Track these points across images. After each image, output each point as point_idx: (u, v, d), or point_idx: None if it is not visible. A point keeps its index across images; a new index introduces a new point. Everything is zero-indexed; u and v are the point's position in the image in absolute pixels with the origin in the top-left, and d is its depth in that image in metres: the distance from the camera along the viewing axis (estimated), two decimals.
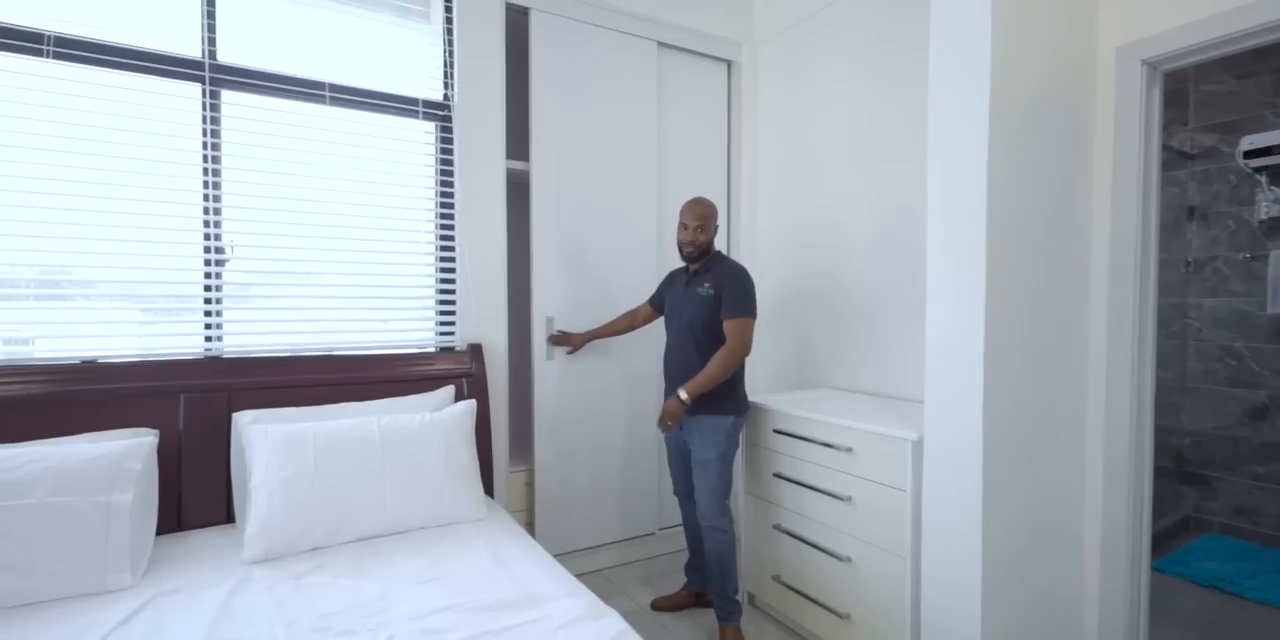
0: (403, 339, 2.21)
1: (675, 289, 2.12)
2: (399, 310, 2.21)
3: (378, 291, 2.16)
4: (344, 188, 2.08)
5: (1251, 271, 2.87)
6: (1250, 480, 2.88)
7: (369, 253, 2.13)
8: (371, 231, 2.13)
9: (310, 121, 2.02)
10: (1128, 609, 1.69)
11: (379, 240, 2.15)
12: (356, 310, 2.13)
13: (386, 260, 2.17)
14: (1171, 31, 1.57)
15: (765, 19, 2.87)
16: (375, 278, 2.15)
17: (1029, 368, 1.59)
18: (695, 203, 2.04)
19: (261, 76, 1.94)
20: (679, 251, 2.06)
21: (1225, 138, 2.90)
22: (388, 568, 1.47)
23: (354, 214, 2.10)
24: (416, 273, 2.24)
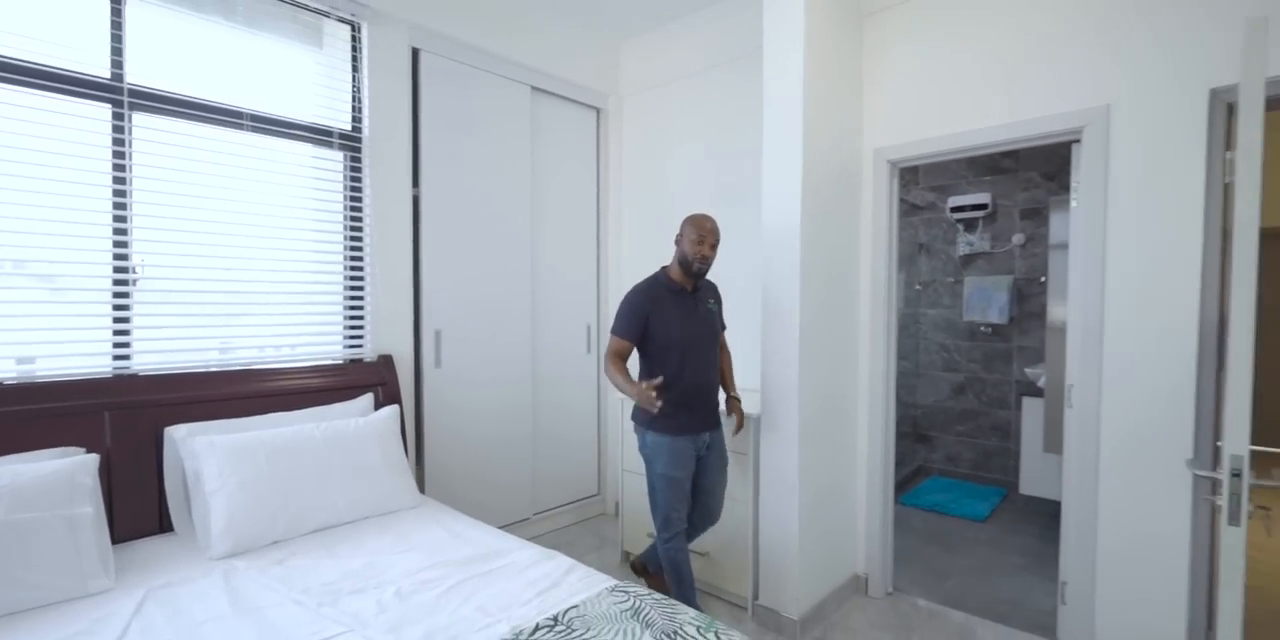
0: (313, 352, 2.37)
1: (677, 310, 2.05)
2: (311, 325, 2.36)
3: (290, 308, 2.30)
4: (258, 210, 2.20)
5: (955, 291, 4.10)
6: (955, 437, 4.12)
7: (283, 272, 2.27)
8: (285, 252, 2.27)
9: (228, 147, 2.12)
10: (882, 528, 2.52)
11: (292, 260, 2.29)
12: (269, 326, 2.25)
13: (299, 279, 2.32)
14: (900, 145, 2.42)
15: (629, 78, 3.43)
16: (288, 296, 2.29)
17: (825, 364, 2.33)
18: (712, 221, 2.06)
19: (178, 102, 2.01)
20: (685, 267, 2.05)
21: (940, 196, 4.10)
22: (358, 548, 1.74)
23: (268, 235, 2.22)
24: (327, 290, 2.40)
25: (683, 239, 2.06)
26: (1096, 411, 1.98)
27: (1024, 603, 2.44)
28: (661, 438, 2.04)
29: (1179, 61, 1.85)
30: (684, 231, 2.06)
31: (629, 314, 2.03)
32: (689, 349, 2.05)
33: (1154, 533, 1.88)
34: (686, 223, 2.08)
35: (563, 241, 3.27)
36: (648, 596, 1.44)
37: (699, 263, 2.03)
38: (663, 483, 2.05)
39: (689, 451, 2.06)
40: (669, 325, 2.02)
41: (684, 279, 2.08)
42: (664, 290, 2.07)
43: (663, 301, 2.04)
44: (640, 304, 2.02)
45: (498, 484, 2.93)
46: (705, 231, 2.03)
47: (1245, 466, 1.24)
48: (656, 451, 2.05)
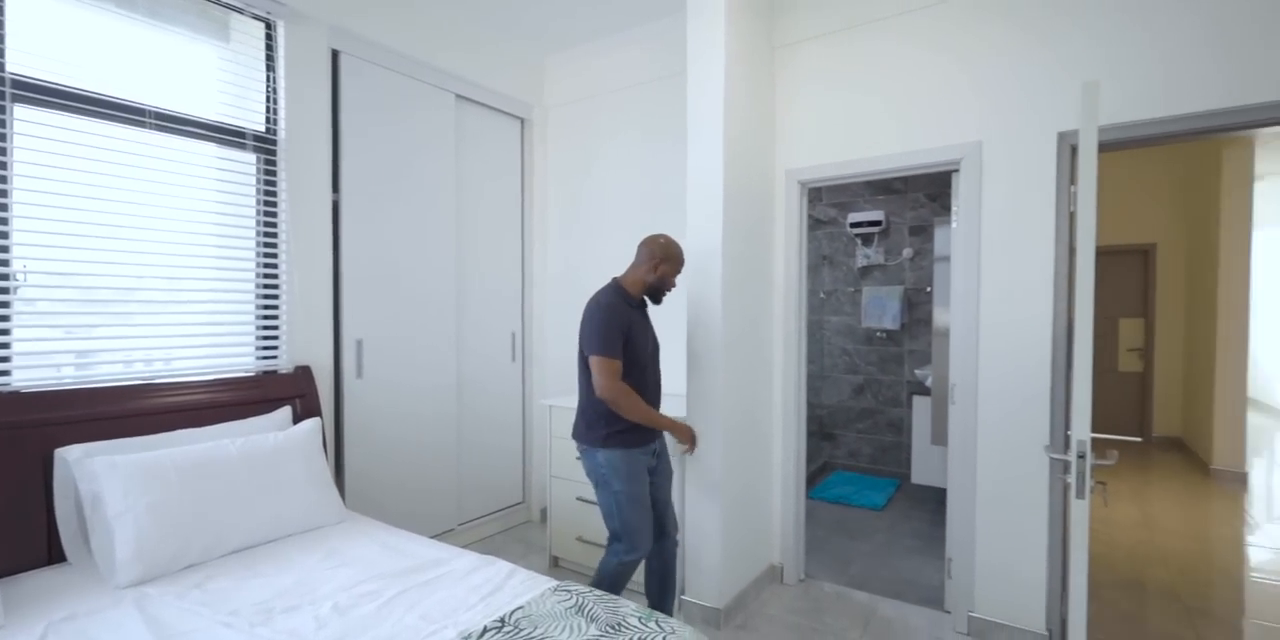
0: (223, 364, 2.24)
1: (642, 325, 2.06)
2: (220, 336, 2.24)
3: (196, 318, 2.17)
4: (162, 213, 2.07)
5: (855, 299, 4.47)
6: (856, 434, 4.48)
7: (188, 279, 2.14)
8: (191, 258, 2.15)
9: (129, 146, 1.98)
10: (795, 521, 2.72)
11: (199, 267, 2.17)
12: (173, 337, 2.11)
13: (207, 287, 2.20)
14: (809, 167, 2.65)
15: (554, 90, 3.49)
16: (194, 305, 2.16)
17: (745, 370, 2.50)
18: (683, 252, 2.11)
19: (68, 95, 1.86)
20: (654, 293, 2.08)
21: (841, 212, 4.46)
22: (286, 566, 1.68)
23: (172, 240, 2.10)
24: (238, 299, 2.29)
25: (662, 267, 2.04)
26: (975, 407, 2.27)
27: (917, 580, 2.72)
28: (616, 453, 1.97)
29: (1034, 108, 2.18)
30: (664, 262, 2.05)
31: (616, 331, 1.92)
32: (649, 365, 2.06)
33: (1020, 510, 2.18)
34: (670, 256, 2.06)
35: (488, 250, 3.27)
36: (589, 594, 1.51)
37: (669, 290, 2.10)
38: (626, 500, 1.97)
39: (643, 463, 2.03)
40: (638, 342, 1.99)
41: (640, 296, 2.08)
42: (628, 306, 2.02)
43: (632, 318, 2.00)
44: (621, 321, 1.95)
45: (422, 495, 2.88)
46: (676, 262, 2.08)
47: (1088, 449, 1.50)
48: (613, 469, 1.97)
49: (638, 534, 1.98)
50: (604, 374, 1.90)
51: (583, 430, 2.05)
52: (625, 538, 1.99)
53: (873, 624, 2.34)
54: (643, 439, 2.03)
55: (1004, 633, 2.19)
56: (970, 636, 2.25)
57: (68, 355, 1.91)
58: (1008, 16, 2.22)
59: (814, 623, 2.35)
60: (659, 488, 2.13)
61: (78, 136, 1.89)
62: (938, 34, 2.36)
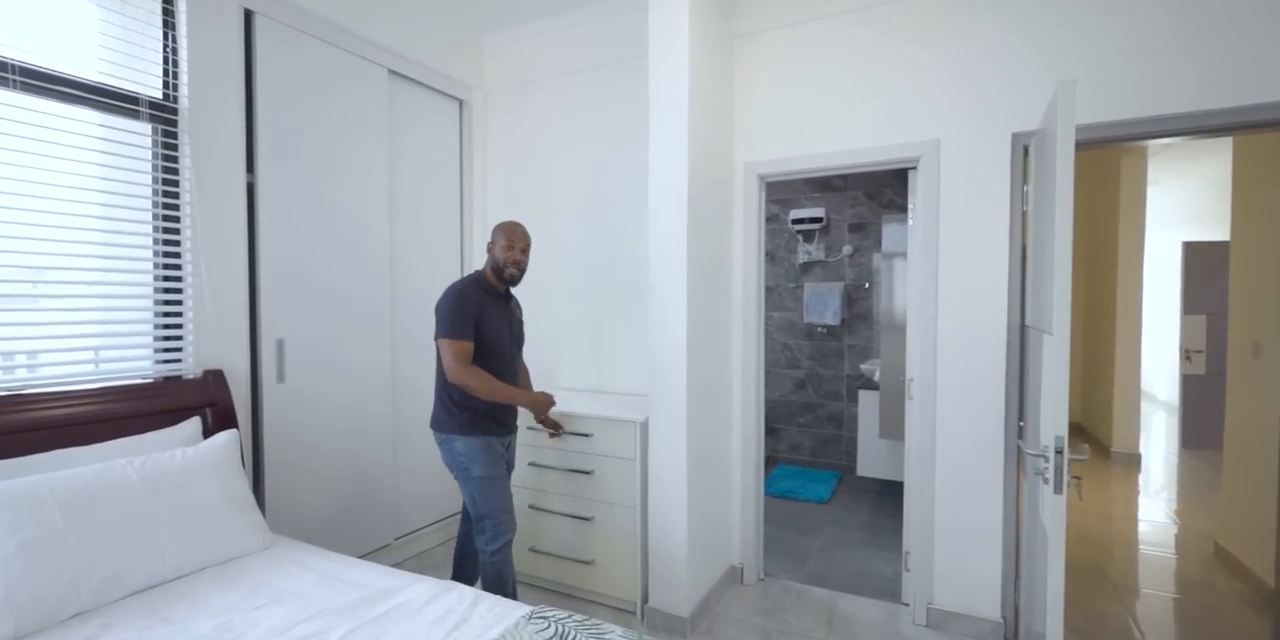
0: (113, 370, 1.91)
1: (498, 314, 2.06)
2: (109, 337, 1.91)
3: (75, 315, 1.83)
4: (29, 190, 1.72)
5: (796, 295, 4.52)
6: (797, 427, 4.54)
7: (64, 269, 1.80)
8: (66, 244, 1.81)
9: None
10: (755, 519, 2.67)
11: (77, 254, 1.83)
12: (42, 338, 1.77)
13: (89, 278, 1.86)
14: (768, 161, 2.60)
15: (495, 71, 3.27)
16: (71, 299, 1.82)
17: (707, 366, 2.42)
18: (522, 227, 2.12)
19: None
20: (499, 273, 2.07)
21: (783, 209, 4.49)
22: (201, 608, 1.43)
23: (44, 222, 1.75)
24: (131, 293, 1.96)
25: (494, 246, 2.07)
26: (933, 402, 2.30)
27: (870, 573, 2.75)
28: (474, 440, 2.01)
29: (989, 108, 2.22)
30: (494, 238, 2.08)
31: (462, 314, 1.95)
32: (505, 353, 2.07)
33: (977, 503, 2.23)
34: (497, 230, 2.10)
35: (424, 240, 3.02)
36: (568, 620, 1.37)
37: (512, 268, 2.06)
38: (487, 485, 2.01)
39: (499, 451, 2.08)
40: (491, 329, 2.01)
41: (497, 284, 2.09)
42: (484, 293, 2.05)
43: (486, 304, 2.03)
44: (470, 305, 1.97)
45: (353, 510, 2.61)
46: (515, 236, 2.07)
47: (1065, 445, 1.51)
48: (472, 455, 2.00)
49: (502, 515, 2.03)
50: (452, 356, 1.92)
51: (442, 418, 2.05)
52: (490, 523, 2.01)
53: (835, 621, 2.33)
54: (499, 429, 2.08)
55: (961, 622, 2.24)
56: (929, 628, 2.28)
57: None
58: (966, 14, 2.24)
59: (778, 624, 2.31)
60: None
61: None
62: (899, 27, 2.36)
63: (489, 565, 2.02)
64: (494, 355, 2.03)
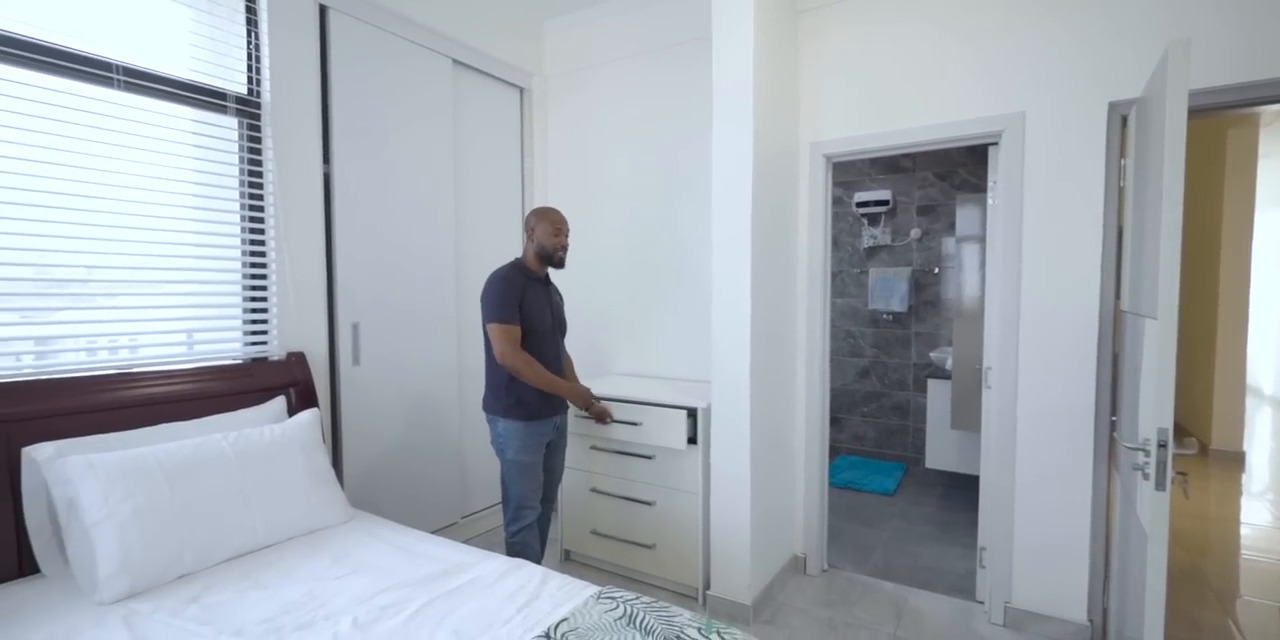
0: (207, 351, 2.04)
1: (539, 298, 2.10)
2: (203, 320, 2.03)
3: (174, 300, 1.96)
4: (134, 183, 1.84)
5: (861, 281, 4.37)
6: (860, 417, 4.41)
7: (165, 257, 1.92)
8: (167, 233, 1.93)
9: (94, 106, 1.74)
10: (819, 509, 2.62)
11: (177, 243, 1.95)
12: (148, 321, 1.90)
13: (186, 265, 1.98)
14: (835, 141, 2.50)
15: (554, 58, 3.27)
16: (171, 284, 1.95)
17: (771, 352, 2.37)
18: (559, 212, 2.16)
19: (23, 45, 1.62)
20: (548, 258, 2.12)
21: (847, 192, 4.33)
22: (290, 575, 1.52)
23: (145, 213, 1.87)
24: (223, 279, 2.08)
25: (536, 231, 2.10)
26: (1014, 392, 2.18)
27: (941, 568, 2.65)
28: (515, 424, 2.05)
29: (1082, 76, 2.05)
30: (536, 225, 2.11)
31: (508, 298, 1.99)
32: (547, 338, 2.11)
33: (1062, 499, 2.10)
34: (537, 217, 2.12)
35: (487, 228, 3.07)
36: (635, 601, 1.38)
37: (561, 252, 2.12)
38: (516, 470, 2.06)
39: (543, 436, 2.11)
40: (534, 313, 2.06)
41: (539, 269, 2.14)
42: (525, 279, 2.08)
43: (529, 289, 2.07)
44: (514, 289, 2.02)
45: (425, 488, 2.71)
46: (560, 222, 2.13)
47: (1170, 438, 1.40)
48: (509, 438, 2.05)
49: (525, 501, 2.08)
50: (501, 341, 1.97)
51: (489, 400, 2.11)
52: (513, 506, 2.08)
53: (905, 616, 2.26)
54: (545, 412, 2.10)
55: (1043, 623, 2.13)
56: (1007, 627, 2.18)
57: (26, 342, 1.69)
58: None
59: (845, 616, 2.26)
60: (554, 456, 2.24)
61: (36, 93, 1.64)
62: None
63: (510, 544, 2.08)
64: (536, 339, 2.07)
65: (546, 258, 2.12)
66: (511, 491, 2.08)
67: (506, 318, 1.98)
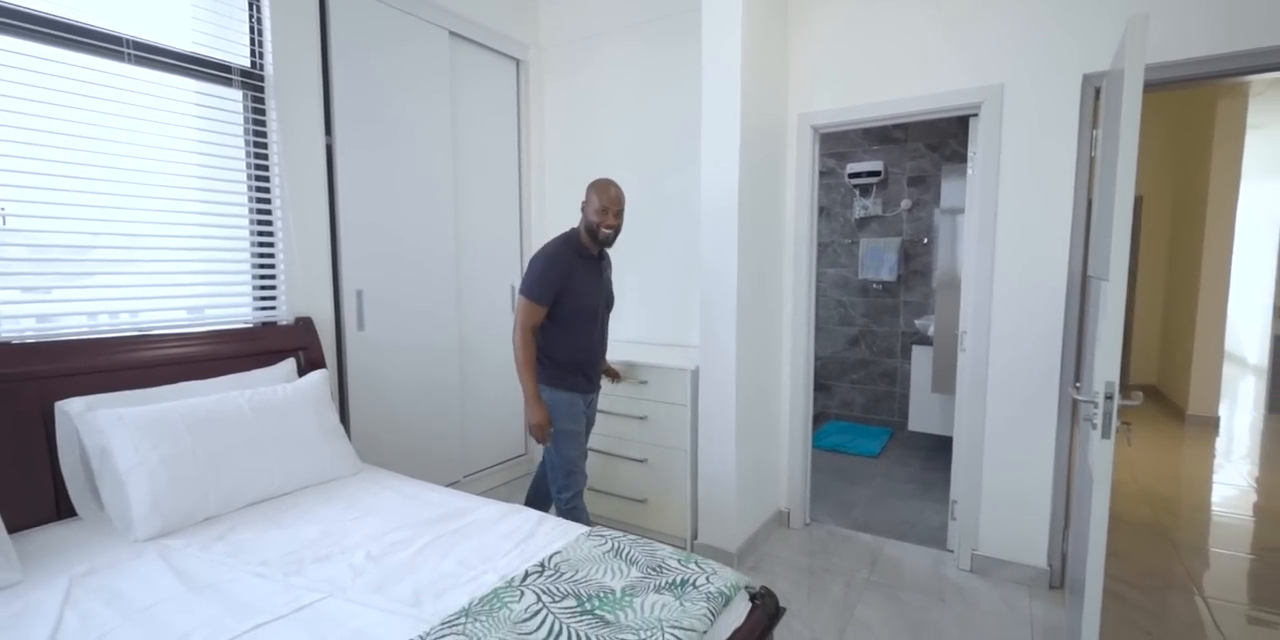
0: (220, 315, 2.15)
1: (588, 276, 2.06)
2: (215, 285, 2.14)
3: (188, 266, 2.06)
4: (146, 154, 1.92)
5: (851, 251, 4.45)
6: (849, 384, 4.55)
7: (178, 224, 2.02)
8: (179, 201, 2.02)
9: (107, 79, 1.81)
10: (802, 467, 2.77)
11: (189, 211, 2.04)
12: (164, 286, 2.00)
13: (199, 232, 2.07)
14: (822, 112, 2.57)
15: (550, 28, 3.30)
16: (185, 252, 2.04)
17: (757, 319, 2.48)
18: (617, 187, 2.04)
19: (41, 21, 1.68)
20: (593, 235, 2.03)
21: (839, 163, 4.38)
22: (308, 517, 1.65)
23: (158, 182, 1.96)
24: (233, 246, 2.17)
25: (587, 207, 2.03)
26: (985, 354, 2.29)
27: (917, 522, 2.81)
28: (561, 394, 2.09)
29: (1058, 49, 2.11)
30: (589, 199, 2.03)
31: (549, 277, 1.97)
32: (595, 316, 2.10)
33: (1027, 452, 2.24)
34: (591, 190, 2.04)
35: (486, 198, 3.15)
36: (623, 538, 1.52)
37: (607, 230, 2.01)
38: (564, 439, 2.09)
39: (581, 408, 2.15)
40: (582, 291, 2.02)
41: (591, 245, 2.07)
42: (576, 255, 2.05)
43: (577, 266, 2.03)
44: (561, 267, 1.98)
45: (427, 448, 2.85)
46: (610, 201, 2.00)
47: (1115, 390, 1.52)
48: (556, 408, 2.07)
49: (573, 467, 2.12)
50: (523, 317, 1.99)
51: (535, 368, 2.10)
52: (562, 474, 2.11)
53: (879, 563, 2.43)
54: (585, 385, 2.15)
55: (1006, 568, 2.29)
56: (973, 573, 2.34)
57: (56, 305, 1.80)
58: None
59: (823, 563, 2.43)
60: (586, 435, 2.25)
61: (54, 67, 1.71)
62: None
63: (565, 512, 2.11)
64: (584, 318, 2.06)
65: (592, 235, 2.04)
66: (558, 459, 2.10)
67: (537, 296, 1.97)
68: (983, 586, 2.25)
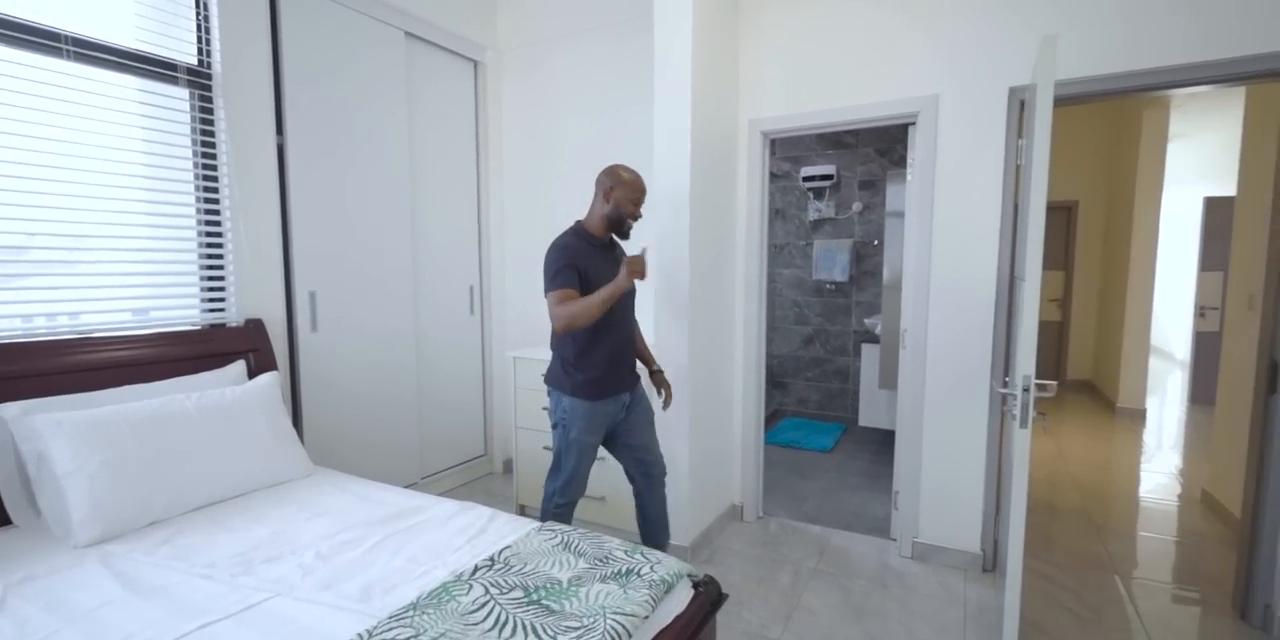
0: (166, 317, 2.11)
1: (603, 265, 1.97)
2: (160, 287, 2.10)
3: (132, 267, 2.02)
4: (87, 153, 1.88)
5: (806, 253, 4.58)
6: (804, 382, 4.68)
7: (121, 226, 1.98)
8: (123, 202, 1.98)
9: (44, 76, 1.77)
10: (755, 462, 2.86)
11: (132, 212, 2.00)
12: (105, 288, 1.96)
13: (143, 233, 2.04)
14: (772, 118, 2.66)
15: (508, 31, 3.32)
16: (129, 253, 2.01)
17: (709, 320, 2.55)
18: (642, 179, 2.01)
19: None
20: (615, 224, 1.98)
21: (794, 166, 4.51)
22: (258, 519, 1.65)
23: (100, 182, 1.92)
24: (179, 248, 2.14)
25: (614, 194, 1.94)
26: (924, 351, 2.41)
27: (864, 513, 2.93)
28: (580, 403, 1.96)
29: (988, 62, 2.24)
30: (615, 187, 1.94)
31: (565, 267, 1.87)
32: (615, 306, 1.93)
33: (961, 443, 2.37)
34: (619, 181, 1.95)
35: (443, 199, 3.15)
36: (574, 532, 1.56)
37: (631, 222, 2.00)
38: (575, 449, 2.00)
39: (607, 415, 2.02)
40: (601, 279, 1.91)
41: (604, 234, 2.01)
42: (587, 245, 1.96)
43: (591, 256, 1.94)
44: (573, 258, 1.89)
45: (383, 450, 2.84)
46: (640, 192, 1.98)
47: (1033, 383, 1.63)
48: (573, 417, 1.97)
49: (575, 480, 2.03)
50: (554, 302, 1.86)
51: (557, 374, 2.04)
52: (562, 482, 2.03)
53: (827, 552, 2.53)
54: (611, 389, 2.01)
55: (944, 554, 2.42)
56: (914, 559, 2.46)
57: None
58: None
59: (773, 554, 2.51)
60: (634, 432, 2.11)
61: None
62: None
63: (550, 513, 2.05)
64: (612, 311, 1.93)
65: (617, 224, 1.98)
66: (565, 466, 2.02)
67: (559, 283, 1.86)
68: (922, 572, 2.37)
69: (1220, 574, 2.36)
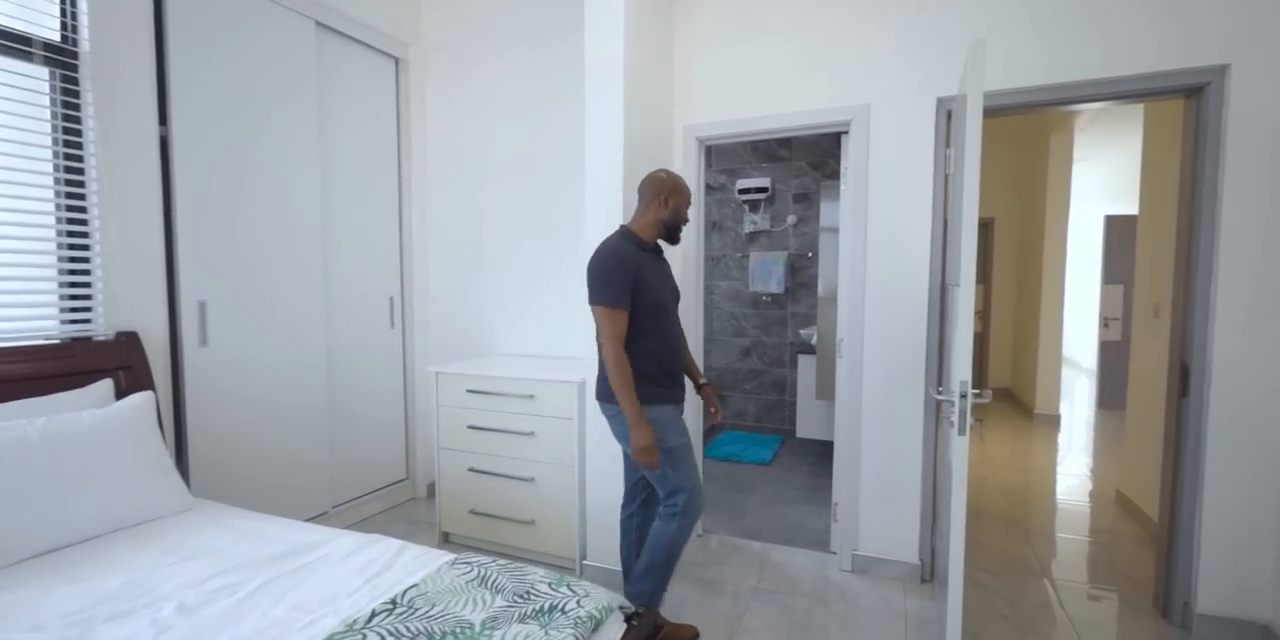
0: (14, 329, 1.81)
1: (655, 271, 1.89)
2: (7, 293, 1.80)
3: None
4: None
5: (742, 265, 4.58)
6: (743, 394, 4.65)
7: None
8: None
9: None
10: None
11: None
12: None
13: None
14: (707, 124, 2.61)
15: (432, 29, 3.15)
16: None
17: None
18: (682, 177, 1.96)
19: None
20: (671, 230, 1.92)
21: (730, 179, 4.52)
22: (110, 567, 1.39)
23: None
24: (28, 248, 1.84)
25: (670, 201, 1.89)
26: (860, 360, 2.39)
27: (804, 526, 2.87)
28: (663, 408, 1.85)
29: (915, 72, 2.27)
30: (673, 194, 1.89)
31: (619, 278, 1.75)
32: (670, 313, 1.90)
33: (899, 453, 2.34)
34: (676, 187, 1.90)
35: (361, 204, 2.92)
36: (491, 564, 1.40)
37: (684, 225, 1.95)
38: (679, 456, 1.84)
39: (682, 419, 1.93)
40: (651, 288, 1.82)
41: (654, 239, 1.92)
42: (638, 250, 1.85)
43: (643, 261, 1.83)
44: (627, 266, 1.77)
45: (287, 478, 2.56)
46: (688, 195, 1.95)
47: (969, 389, 1.60)
48: (663, 424, 1.83)
49: (695, 488, 1.85)
50: (609, 327, 1.76)
51: (607, 388, 1.85)
52: (684, 497, 1.83)
53: (767, 569, 2.44)
54: (679, 396, 1.92)
55: (883, 566, 2.37)
56: (854, 573, 2.41)
57: None
58: None
59: (714, 574, 2.40)
60: None
61: None
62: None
63: (675, 532, 1.83)
64: (658, 315, 1.86)
65: (674, 230, 1.92)
66: (678, 481, 1.83)
67: (615, 301, 1.75)
68: (862, 586, 2.32)
69: (1140, 573, 2.43)
